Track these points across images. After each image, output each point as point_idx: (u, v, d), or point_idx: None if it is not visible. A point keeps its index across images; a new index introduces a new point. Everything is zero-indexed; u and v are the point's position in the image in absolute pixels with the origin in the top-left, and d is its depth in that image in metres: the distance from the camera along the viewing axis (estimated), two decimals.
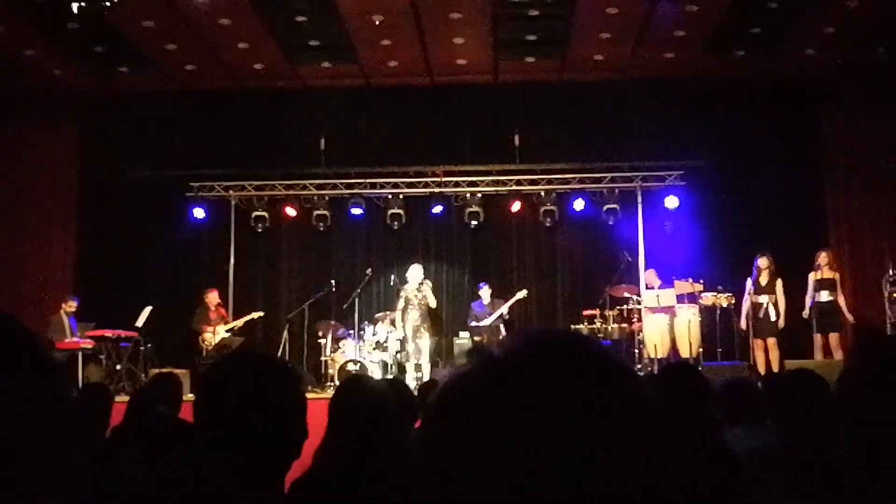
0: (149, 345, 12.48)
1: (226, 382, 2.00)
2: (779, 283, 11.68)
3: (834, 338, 11.34)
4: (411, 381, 11.17)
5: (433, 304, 12.66)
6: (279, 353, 12.11)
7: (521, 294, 13.01)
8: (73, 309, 12.33)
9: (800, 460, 2.84)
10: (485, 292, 13.09)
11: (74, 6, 9.20)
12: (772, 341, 11.59)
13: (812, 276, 11.63)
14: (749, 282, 11.76)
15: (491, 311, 12.83)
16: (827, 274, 11.57)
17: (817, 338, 11.48)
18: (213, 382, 2.04)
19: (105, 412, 5.06)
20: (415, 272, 12.80)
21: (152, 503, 2.53)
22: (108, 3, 9.31)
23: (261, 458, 1.93)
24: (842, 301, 11.55)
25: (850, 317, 11.49)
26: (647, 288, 12.54)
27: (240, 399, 1.94)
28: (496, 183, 14.18)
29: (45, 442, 0.97)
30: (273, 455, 1.96)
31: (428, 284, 12.75)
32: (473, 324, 12.87)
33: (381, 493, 2.60)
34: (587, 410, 0.84)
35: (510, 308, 12.89)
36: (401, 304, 12.69)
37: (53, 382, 0.99)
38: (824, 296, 11.49)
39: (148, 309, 12.50)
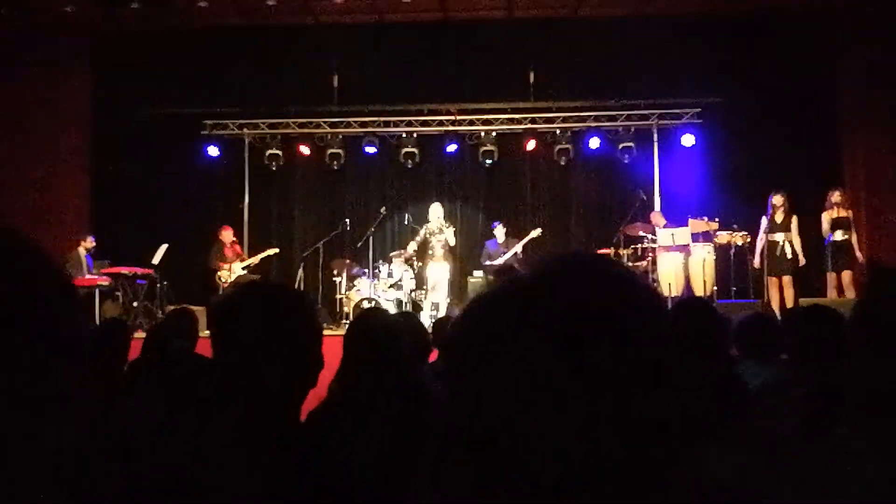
0: (165, 282, 12.55)
1: (240, 312, 2.01)
2: (794, 220, 11.61)
3: (847, 276, 11.28)
4: (427, 320, 11.23)
5: (452, 242, 12.74)
6: None
7: (536, 233, 12.98)
8: (92, 246, 12.40)
9: (812, 394, 2.85)
10: (499, 231, 13.08)
11: None
12: (787, 279, 11.56)
13: (826, 216, 11.54)
14: (764, 220, 11.70)
15: (505, 249, 12.83)
16: (841, 213, 11.49)
17: (831, 276, 11.43)
18: (228, 312, 2.04)
19: (123, 346, 5.10)
20: (435, 211, 12.87)
21: (169, 438, 2.56)
22: None
23: (277, 387, 1.94)
24: (854, 239, 11.48)
25: (860, 255, 11.42)
26: (644, 225, 12.51)
27: (254, 327, 1.94)
28: (510, 121, 14.10)
29: (59, 365, 0.98)
30: (289, 384, 1.97)
31: (449, 227, 12.83)
32: (487, 263, 12.88)
33: (394, 424, 2.63)
34: (613, 335, 0.83)
35: (524, 247, 12.89)
36: (416, 241, 12.75)
37: (67, 303, 0.99)
38: (839, 234, 11.42)
39: (164, 246, 12.56)
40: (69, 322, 0.99)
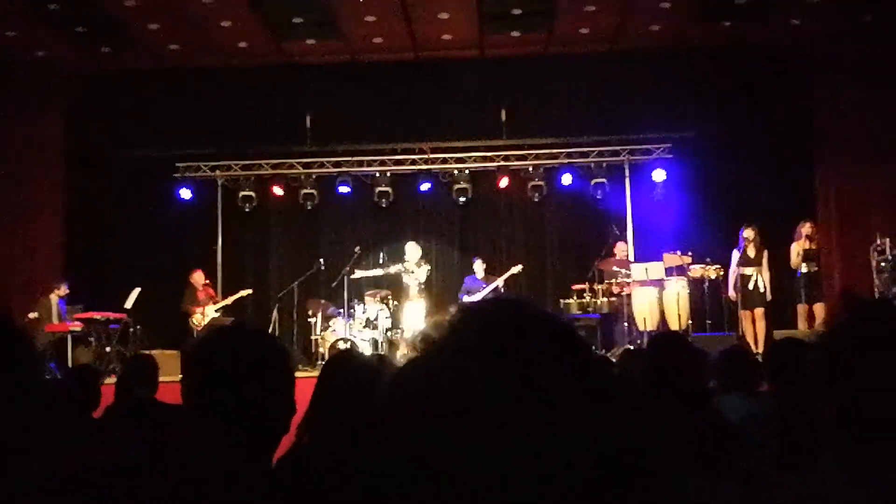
0: (138, 326, 12.44)
1: (212, 356, 1.98)
2: (765, 254, 11.72)
3: (819, 307, 11.39)
4: (403, 360, 11.15)
5: (422, 280, 12.85)
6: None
7: (517, 269, 13.01)
8: (65, 294, 12.29)
9: (791, 426, 2.85)
10: (478, 266, 13.13)
11: None
12: (759, 312, 11.65)
13: (795, 247, 11.64)
14: (735, 253, 11.79)
15: (485, 284, 12.86)
16: (810, 245, 11.62)
17: (802, 307, 11.53)
18: (200, 356, 2.02)
19: (93, 392, 5.06)
20: (411, 250, 12.95)
21: (142, 483, 2.51)
22: None
23: (249, 433, 1.91)
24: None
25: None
26: (619, 260, 12.62)
27: (226, 373, 1.92)
28: (484, 158, 14.16)
29: (24, 424, 0.96)
30: (261, 429, 1.94)
31: (423, 265, 12.91)
32: (465, 298, 12.87)
33: (366, 469, 2.59)
34: (528, 386, 0.84)
35: (505, 282, 12.92)
36: (384, 271, 12.85)
37: (25, 364, 0.97)
38: (810, 266, 11.53)
39: (136, 290, 12.47)
40: (25, 373, 0.97)
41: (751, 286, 11.65)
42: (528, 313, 0.92)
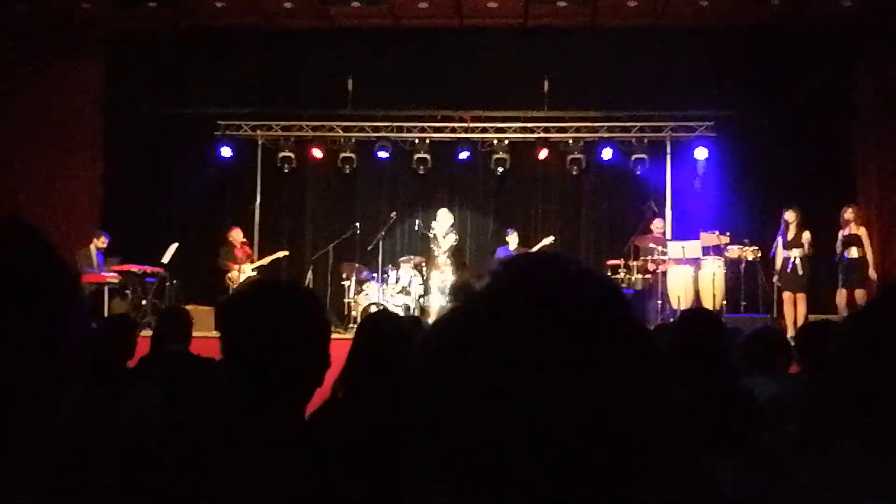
0: (175, 281, 12.57)
1: (249, 309, 2.01)
2: (806, 235, 11.56)
3: (860, 293, 11.22)
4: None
5: (446, 248, 12.92)
6: None
7: (549, 240, 12.97)
8: (104, 245, 12.43)
9: (817, 408, 2.83)
10: (512, 238, 13.10)
11: None
12: (801, 296, 11.51)
13: (840, 233, 11.53)
14: (779, 237, 11.67)
15: None
16: (853, 230, 11.45)
17: (842, 293, 11.39)
18: (237, 309, 2.04)
19: (128, 343, 5.11)
20: (443, 217, 12.93)
21: (169, 435, 2.56)
22: None
23: (283, 385, 1.94)
24: (869, 256, 11.43)
25: (873, 273, 11.37)
26: (655, 237, 12.54)
27: (263, 325, 1.94)
28: (524, 129, 14.09)
29: (60, 352, 0.98)
30: (295, 382, 1.97)
31: (451, 233, 12.91)
32: None
33: (397, 426, 2.61)
34: (576, 325, 0.84)
35: None
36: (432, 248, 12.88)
37: (71, 293, 0.99)
38: (851, 252, 11.38)
39: (174, 245, 12.59)
40: (72, 311, 0.99)
41: (790, 269, 11.52)
42: (574, 268, 0.91)
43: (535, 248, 12.82)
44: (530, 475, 0.80)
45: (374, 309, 11.88)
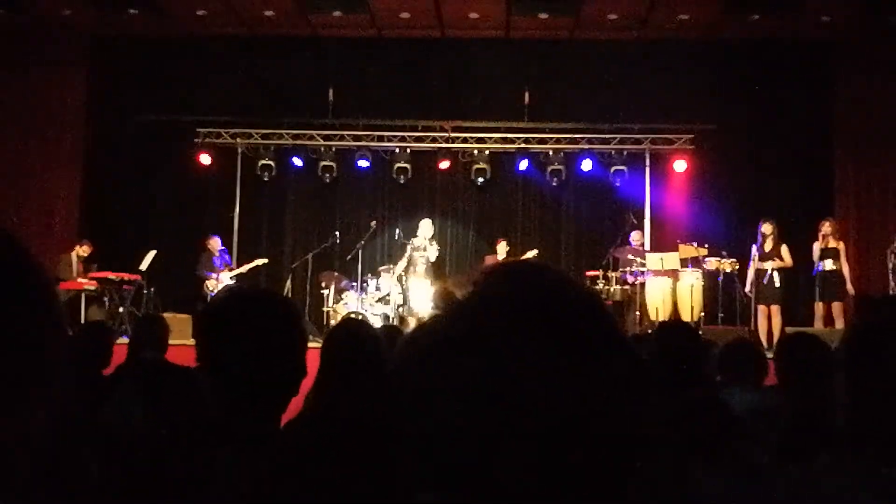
0: (152, 289, 12.49)
1: (226, 316, 1.99)
2: (784, 248, 11.62)
3: (837, 306, 11.30)
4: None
5: (433, 259, 12.87)
6: None
7: (532, 254, 13.00)
8: (87, 254, 12.35)
9: (795, 421, 2.85)
10: (502, 248, 13.13)
11: None
12: (775, 308, 11.56)
13: (816, 245, 11.59)
14: (754, 248, 11.73)
15: None
16: (831, 243, 11.53)
17: (819, 306, 11.45)
18: (214, 315, 2.03)
19: (105, 350, 5.07)
20: (424, 227, 12.94)
21: (147, 442, 2.53)
22: None
23: (259, 394, 1.93)
24: (846, 270, 11.50)
25: (850, 288, 11.45)
26: (634, 248, 12.60)
27: (240, 333, 1.93)
28: (504, 140, 14.12)
29: (36, 356, 0.96)
30: (271, 391, 1.96)
31: (433, 244, 12.91)
32: None
33: (370, 436, 2.61)
34: (556, 330, 0.84)
35: None
36: (406, 258, 12.80)
37: (47, 298, 0.98)
38: (828, 265, 11.45)
39: (152, 253, 12.51)
40: (47, 317, 0.98)
41: (766, 280, 11.58)
42: (556, 278, 0.92)
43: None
44: (516, 479, 0.80)
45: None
